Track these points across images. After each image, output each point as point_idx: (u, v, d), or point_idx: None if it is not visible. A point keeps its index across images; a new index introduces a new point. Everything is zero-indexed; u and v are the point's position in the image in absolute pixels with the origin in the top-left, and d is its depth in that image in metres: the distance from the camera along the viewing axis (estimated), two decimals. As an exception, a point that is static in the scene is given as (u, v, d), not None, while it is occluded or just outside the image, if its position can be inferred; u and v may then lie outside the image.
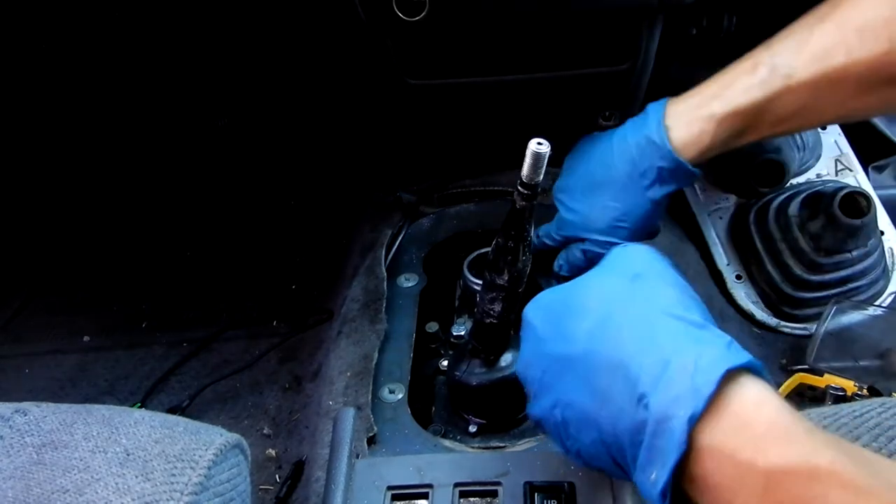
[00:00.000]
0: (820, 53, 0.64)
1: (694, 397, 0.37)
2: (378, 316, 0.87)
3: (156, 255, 1.35)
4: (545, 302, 0.52)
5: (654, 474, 0.38)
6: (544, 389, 0.49)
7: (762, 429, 0.36)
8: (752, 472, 0.35)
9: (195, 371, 1.13)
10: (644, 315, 0.44)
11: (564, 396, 0.47)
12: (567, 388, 0.46)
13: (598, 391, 0.44)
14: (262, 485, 0.94)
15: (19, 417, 0.58)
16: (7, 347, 1.22)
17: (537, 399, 0.50)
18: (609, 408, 0.43)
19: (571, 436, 0.48)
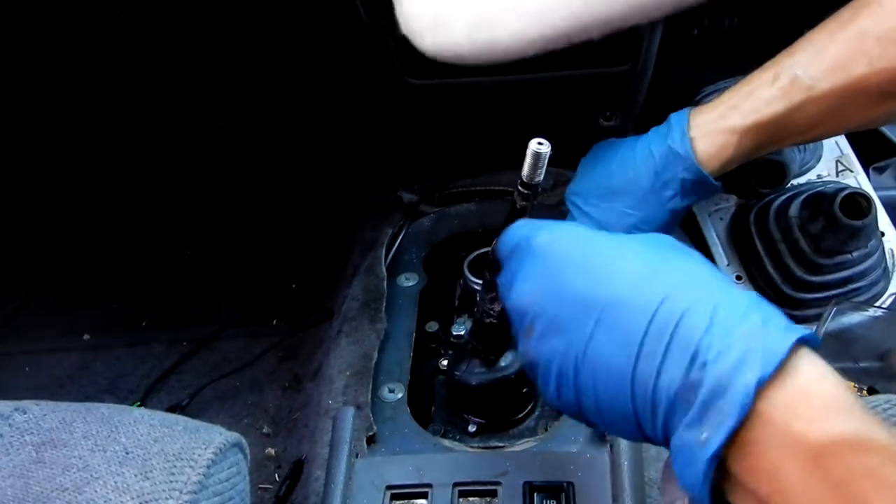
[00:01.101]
0: (841, 62, 0.63)
1: (763, 362, 0.36)
2: (378, 315, 0.87)
3: (156, 253, 1.35)
4: (568, 232, 0.47)
5: (706, 435, 0.37)
6: (554, 329, 0.44)
7: (821, 401, 0.36)
8: (804, 443, 0.35)
9: (195, 370, 1.14)
10: (696, 273, 0.42)
11: (583, 342, 0.42)
12: (590, 334, 0.42)
13: (635, 343, 0.40)
14: (261, 484, 0.94)
15: (19, 416, 0.58)
16: (7, 345, 1.22)
17: (542, 339, 0.45)
18: (650, 363, 0.39)
19: (580, 387, 0.43)
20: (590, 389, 0.43)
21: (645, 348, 0.40)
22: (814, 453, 0.35)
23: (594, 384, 0.42)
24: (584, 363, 0.43)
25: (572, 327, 0.43)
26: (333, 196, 1.34)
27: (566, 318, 0.43)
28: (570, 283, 0.44)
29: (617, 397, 0.41)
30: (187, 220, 1.40)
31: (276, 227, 1.35)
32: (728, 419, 0.36)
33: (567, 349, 0.43)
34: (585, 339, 0.42)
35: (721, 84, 0.95)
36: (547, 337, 0.45)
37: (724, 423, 0.36)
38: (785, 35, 0.73)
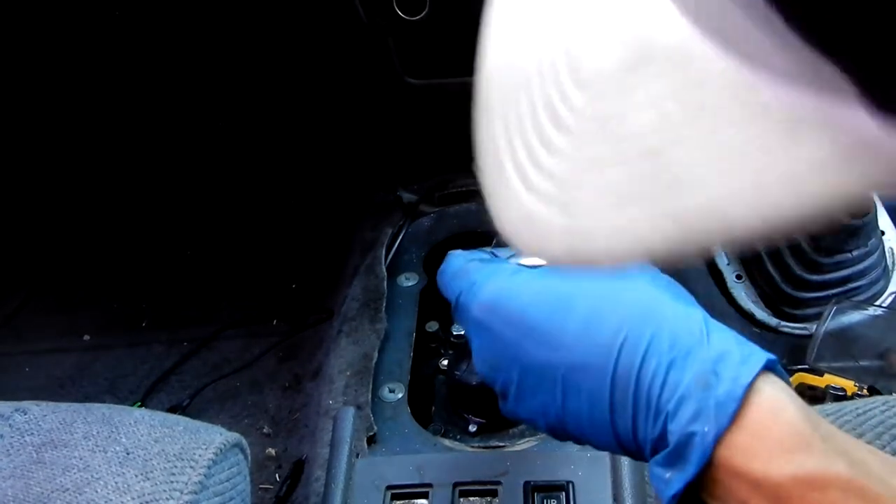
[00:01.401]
0: None
1: (717, 414, 0.37)
2: (378, 315, 0.87)
3: (156, 253, 1.35)
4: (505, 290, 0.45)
5: (669, 476, 0.38)
6: (524, 394, 0.44)
7: (780, 439, 0.36)
8: (765, 484, 0.36)
9: (195, 370, 1.13)
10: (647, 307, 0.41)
11: (557, 405, 0.43)
12: (561, 399, 0.42)
13: (604, 404, 0.41)
14: (261, 484, 0.94)
15: (19, 416, 0.58)
16: (7, 345, 1.22)
17: (518, 402, 0.45)
18: (624, 418, 0.40)
19: (570, 433, 0.44)
20: (578, 433, 0.44)
21: (616, 407, 0.40)
22: (774, 494, 0.35)
23: (581, 432, 0.43)
24: (566, 418, 0.43)
25: (541, 391, 0.43)
26: (333, 196, 1.34)
27: (532, 384, 0.43)
28: (523, 353, 0.43)
29: (608, 442, 0.42)
30: (187, 221, 1.40)
31: (276, 227, 1.35)
32: (689, 467, 0.37)
33: (545, 408, 0.43)
34: (558, 403, 0.42)
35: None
36: (521, 400, 0.45)
37: (686, 470, 0.37)
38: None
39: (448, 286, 0.48)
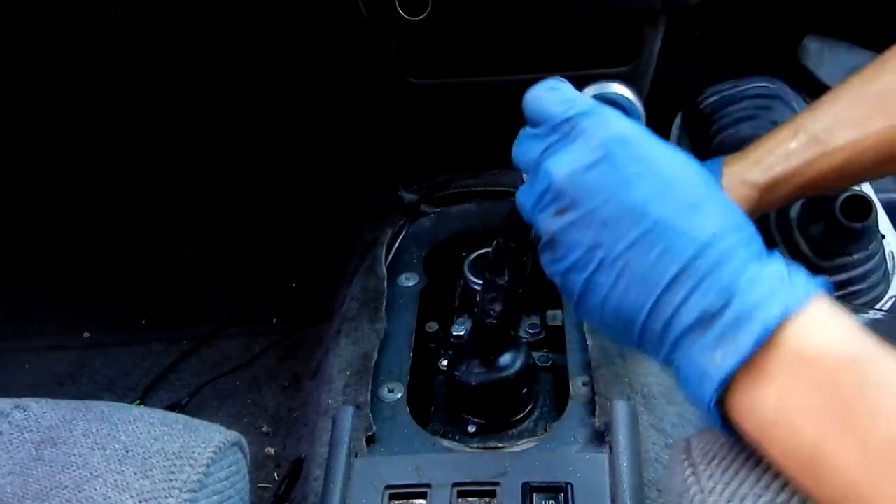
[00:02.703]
0: (858, 120, 0.65)
1: (787, 301, 0.40)
2: (378, 315, 0.87)
3: (156, 252, 1.35)
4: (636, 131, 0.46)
5: (720, 358, 0.40)
6: (592, 223, 0.44)
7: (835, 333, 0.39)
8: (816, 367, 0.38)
9: (194, 368, 1.14)
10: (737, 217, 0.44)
11: (620, 247, 0.43)
12: (632, 243, 0.43)
13: (673, 268, 0.42)
14: (260, 483, 0.94)
15: (18, 413, 0.58)
16: (7, 343, 1.22)
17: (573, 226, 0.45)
18: (681, 288, 0.42)
19: (594, 282, 0.45)
20: (604, 288, 0.44)
21: (682, 275, 0.42)
22: (823, 376, 0.38)
23: (613, 287, 0.44)
24: (612, 266, 0.44)
25: (614, 229, 0.44)
26: (334, 196, 1.34)
27: (611, 217, 0.44)
28: (630, 186, 0.44)
29: (632, 308, 0.43)
30: (187, 220, 1.40)
31: (276, 227, 1.35)
32: (745, 345, 0.39)
33: (596, 245, 0.44)
34: (624, 245, 0.43)
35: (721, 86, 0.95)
36: (579, 226, 0.45)
37: (742, 349, 0.39)
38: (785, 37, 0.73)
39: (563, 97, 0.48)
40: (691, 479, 0.45)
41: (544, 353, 0.84)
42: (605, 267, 0.44)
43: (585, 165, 0.45)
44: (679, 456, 0.47)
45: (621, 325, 0.45)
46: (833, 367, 0.38)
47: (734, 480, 0.43)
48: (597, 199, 0.44)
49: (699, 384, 0.41)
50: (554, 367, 0.83)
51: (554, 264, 0.47)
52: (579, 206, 0.45)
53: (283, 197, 1.38)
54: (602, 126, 0.46)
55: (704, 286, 0.41)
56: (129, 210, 1.42)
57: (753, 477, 0.43)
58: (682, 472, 0.46)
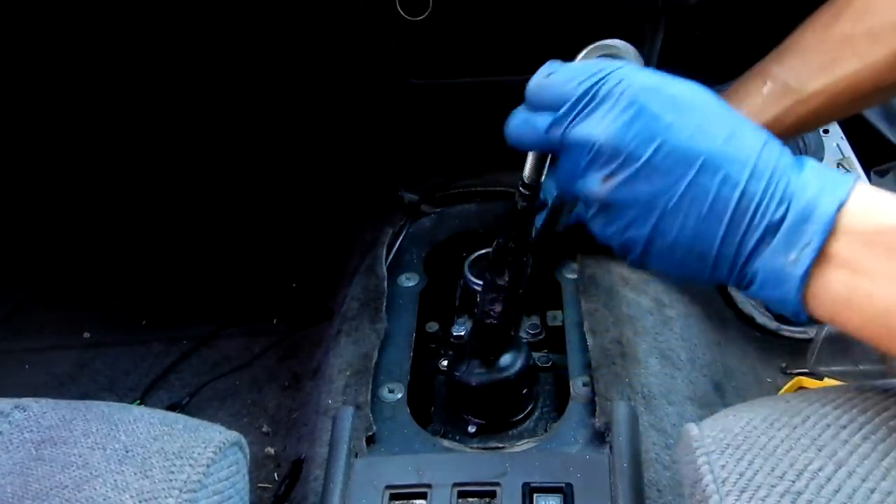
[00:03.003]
0: (828, 63, 0.66)
1: (838, 191, 0.43)
2: (378, 315, 0.87)
3: (156, 252, 1.35)
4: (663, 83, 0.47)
5: (794, 256, 0.43)
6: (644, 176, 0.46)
7: (888, 206, 0.43)
8: (881, 236, 0.42)
9: (194, 368, 1.13)
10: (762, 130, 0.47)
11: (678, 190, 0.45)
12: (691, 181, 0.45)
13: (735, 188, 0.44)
14: (260, 483, 0.94)
15: (18, 413, 0.58)
16: (7, 343, 1.22)
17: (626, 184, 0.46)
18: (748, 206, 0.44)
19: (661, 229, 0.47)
20: (671, 233, 0.46)
21: (743, 198, 0.44)
22: (886, 246, 0.41)
23: (682, 229, 0.46)
24: (675, 210, 0.46)
25: (668, 175, 0.45)
26: (334, 196, 1.34)
27: (662, 165, 0.45)
28: (673, 132, 0.45)
29: (703, 241, 0.46)
30: (188, 219, 1.40)
31: (276, 227, 1.35)
32: (815, 238, 0.43)
33: (655, 196, 0.46)
34: (683, 187, 0.45)
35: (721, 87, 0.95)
36: (633, 183, 0.46)
37: (812, 243, 0.43)
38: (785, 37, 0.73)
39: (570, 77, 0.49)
40: (705, 468, 0.45)
41: (544, 354, 0.84)
42: (668, 213, 0.46)
43: (625, 123, 0.46)
44: (691, 444, 0.47)
45: (693, 260, 0.47)
46: (892, 236, 0.42)
47: (749, 469, 0.43)
48: (644, 152, 0.45)
49: (779, 285, 0.44)
50: (554, 368, 0.83)
51: (610, 226, 0.49)
52: (628, 163, 0.46)
53: (283, 197, 1.38)
54: (623, 83, 0.47)
55: (765, 201, 0.44)
56: (129, 210, 1.42)
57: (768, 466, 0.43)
58: (694, 461, 0.46)
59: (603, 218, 0.49)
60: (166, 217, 1.40)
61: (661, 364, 0.84)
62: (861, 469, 0.41)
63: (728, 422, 0.47)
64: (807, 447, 0.43)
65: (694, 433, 0.48)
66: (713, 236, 0.45)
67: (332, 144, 1.36)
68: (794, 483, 0.41)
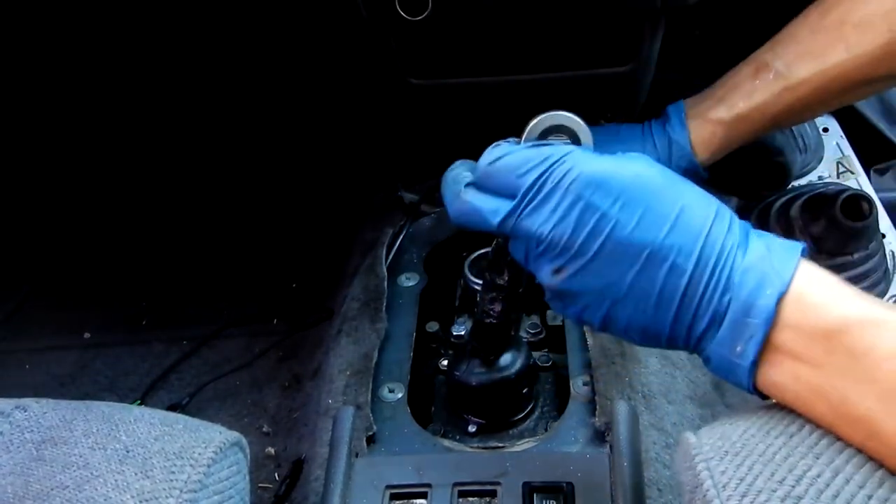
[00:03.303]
0: (819, 52, 0.66)
1: (778, 282, 0.44)
2: (378, 315, 0.87)
3: (156, 252, 1.35)
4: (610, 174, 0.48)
5: (740, 348, 0.44)
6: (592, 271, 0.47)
7: (829, 295, 0.44)
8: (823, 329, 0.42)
9: (195, 369, 1.13)
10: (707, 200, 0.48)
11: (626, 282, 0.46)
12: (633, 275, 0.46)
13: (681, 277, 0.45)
14: (261, 483, 0.94)
15: (19, 413, 0.58)
16: (8, 342, 1.22)
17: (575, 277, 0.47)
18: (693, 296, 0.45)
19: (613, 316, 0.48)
20: (623, 318, 0.48)
21: (690, 286, 0.45)
22: (832, 334, 0.42)
23: (633, 315, 0.47)
24: (626, 299, 0.47)
25: (617, 267, 0.47)
26: (334, 195, 1.34)
27: (610, 259, 0.47)
28: (618, 224, 0.46)
29: (655, 325, 0.47)
30: (188, 219, 1.40)
31: (276, 227, 1.35)
32: (758, 332, 0.43)
33: (605, 286, 0.47)
34: (631, 278, 0.46)
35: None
36: (582, 276, 0.48)
37: (755, 336, 0.43)
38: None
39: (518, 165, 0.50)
40: (704, 474, 0.45)
41: (544, 353, 0.84)
42: (620, 301, 0.47)
43: (571, 219, 0.47)
44: (690, 450, 0.47)
45: (648, 340, 0.48)
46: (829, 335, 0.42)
47: (748, 475, 0.43)
48: (591, 248, 0.47)
49: (731, 372, 0.46)
50: (554, 367, 0.83)
51: (565, 310, 0.51)
52: (577, 258, 0.47)
53: (283, 197, 1.38)
54: (570, 174, 0.48)
55: (709, 290, 0.45)
56: (129, 211, 1.42)
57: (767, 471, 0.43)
58: (694, 467, 0.46)
59: (558, 302, 0.51)
60: (166, 217, 1.40)
61: (662, 363, 0.84)
62: (858, 476, 0.41)
63: (725, 430, 0.47)
64: (804, 454, 0.43)
65: (692, 441, 0.48)
66: (664, 321, 0.47)
67: (332, 144, 1.36)
68: (794, 488, 0.41)
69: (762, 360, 0.44)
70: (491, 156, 0.52)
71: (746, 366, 0.44)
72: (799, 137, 0.99)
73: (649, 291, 0.46)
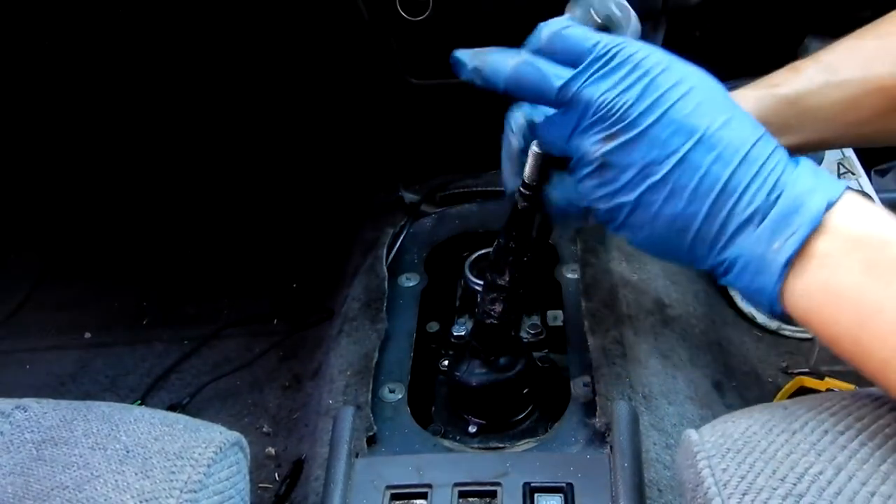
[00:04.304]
0: (866, 57, 0.66)
1: (830, 190, 0.44)
2: (379, 315, 0.87)
3: (157, 252, 1.35)
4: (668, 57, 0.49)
5: (778, 245, 0.44)
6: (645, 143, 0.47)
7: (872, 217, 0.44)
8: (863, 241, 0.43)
9: (195, 369, 1.14)
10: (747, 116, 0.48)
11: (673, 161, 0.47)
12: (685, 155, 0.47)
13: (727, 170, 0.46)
14: (261, 483, 0.94)
15: (19, 413, 0.58)
16: (8, 343, 1.22)
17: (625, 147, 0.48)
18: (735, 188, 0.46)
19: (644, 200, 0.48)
20: (657, 202, 0.48)
21: (733, 178, 0.46)
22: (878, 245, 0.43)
23: (668, 199, 0.47)
24: (665, 179, 0.47)
25: (666, 146, 0.47)
26: (335, 196, 1.34)
27: (662, 134, 0.47)
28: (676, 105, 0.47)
29: (687, 215, 0.47)
30: (188, 221, 1.40)
31: (277, 227, 1.36)
32: (801, 230, 0.44)
33: (650, 163, 0.47)
34: (678, 159, 0.47)
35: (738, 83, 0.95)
36: (632, 146, 0.48)
37: (798, 233, 0.44)
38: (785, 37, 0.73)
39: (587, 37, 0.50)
40: (706, 472, 0.45)
41: (545, 354, 0.84)
42: (659, 182, 0.47)
43: (635, 90, 0.48)
44: (692, 448, 0.47)
45: (673, 234, 0.48)
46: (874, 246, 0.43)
47: (750, 473, 0.43)
48: (646, 120, 0.47)
49: (759, 273, 0.45)
50: (555, 368, 0.83)
51: (602, 188, 0.50)
52: (630, 128, 0.47)
53: (283, 197, 1.38)
54: (640, 53, 0.49)
55: (755, 185, 0.45)
56: (129, 210, 1.42)
57: (769, 469, 0.43)
58: (695, 465, 0.46)
59: (596, 179, 0.50)
60: (167, 218, 1.40)
61: (662, 364, 0.84)
62: (861, 473, 0.41)
63: (727, 427, 0.47)
64: (806, 451, 0.43)
65: (693, 438, 0.48)
66: (697, 212, 0.47)
67: (332, 144, 1.36)
68: (796, 486, 0.41)
69: (794, 264, 0.44)
70: (559, 22, 0.52)
71: (782, 262, 0.44)
72: (799, 138, 0.99)
73: (692, 175, 0.46)
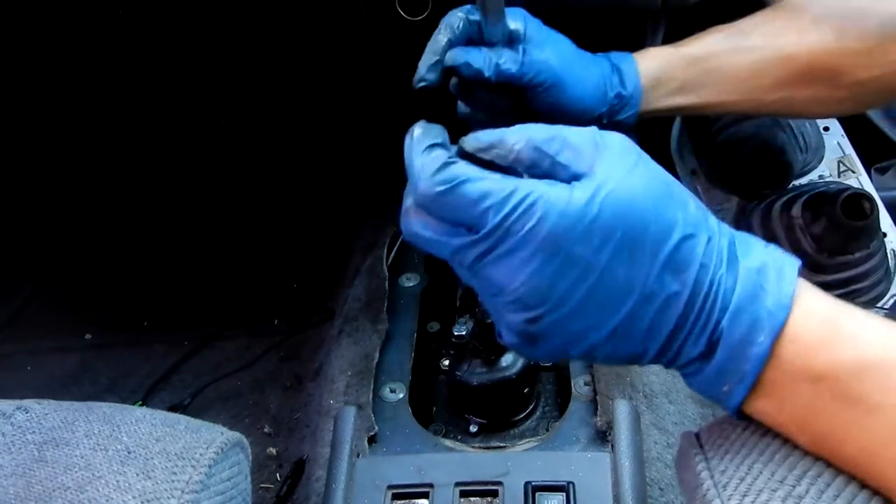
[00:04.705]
0: (777, 29, 0.68)
1: (772, 320, 0.41)
2: (379, 315, 0.87)
3: (158, 253, 1.35)
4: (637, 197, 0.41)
5: (728, 388, 0.43)
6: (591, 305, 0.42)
7: (820, 336, 0.41)
8: (808, 376, 0.41)
9: (196, 369, 1.14)
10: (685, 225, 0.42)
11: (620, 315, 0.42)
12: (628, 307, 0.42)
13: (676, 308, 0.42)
14: (262, 483, 0.94)
15: (21, 415, 0.58)
16: (10, 345, 1.23)
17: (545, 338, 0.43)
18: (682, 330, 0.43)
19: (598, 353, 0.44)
20: (602, 354, 0.44)
21: (680, 320, 0.42)
22: (821, 380, 0.40)
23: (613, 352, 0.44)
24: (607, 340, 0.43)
25: (600, 312, 0.42)
26: (335, 196, 1.34)
27: (592, 305, 0.42)
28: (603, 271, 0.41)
29: (634, 356, 0.44)
30: (189, 220, 1.40)
31: (277, 227, 1.36)
32: (748, 377, 0.42)
33: (589, 329, 0.43)
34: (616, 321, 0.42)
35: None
36: (560, 324, 0.42)
37: (745, 380, 0.42)
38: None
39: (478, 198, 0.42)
40: (704, 474, 0.45)
41: (546, 353, 0.84)
42: (603, 339, 0.43)
43: (548, 272, 0.41)
44: (690, 450, 0.47)
45: (629, 363, 0.46)
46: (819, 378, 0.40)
47: (749, 475, 0.43)
48: (573, 298, 0.41)
49: (715, 401, 0.45)
50: (555, 367, 0.83)
51: (536, 351, 0.45)
52: (555, 310, 0.42)
53: (284, 198, 1.39)
54: (540, 224, 0.40)
55: (698, 328, 0.42)
56: (130, 212, 1.42)
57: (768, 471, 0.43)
58: (694, 467, 0.46)
59: (527, 347, 0.45)
60: (168, 219, 1.41)
61: (663, 363, 0.84)
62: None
63: (725, 429, 0.47)
64: (804, 454, 0.43)
65: (691, 440, 0.48)
66: (649, 351, 0.43)
67: (332, 145, 1.36)
68: (795, 487, 0.41)
69: (746, 397, 0.43)
70: (443, 177, 0.42)
71: (732, 407, 0.43)
72: (800, 136, 0.99)
73: (638, 327, 0.42)
